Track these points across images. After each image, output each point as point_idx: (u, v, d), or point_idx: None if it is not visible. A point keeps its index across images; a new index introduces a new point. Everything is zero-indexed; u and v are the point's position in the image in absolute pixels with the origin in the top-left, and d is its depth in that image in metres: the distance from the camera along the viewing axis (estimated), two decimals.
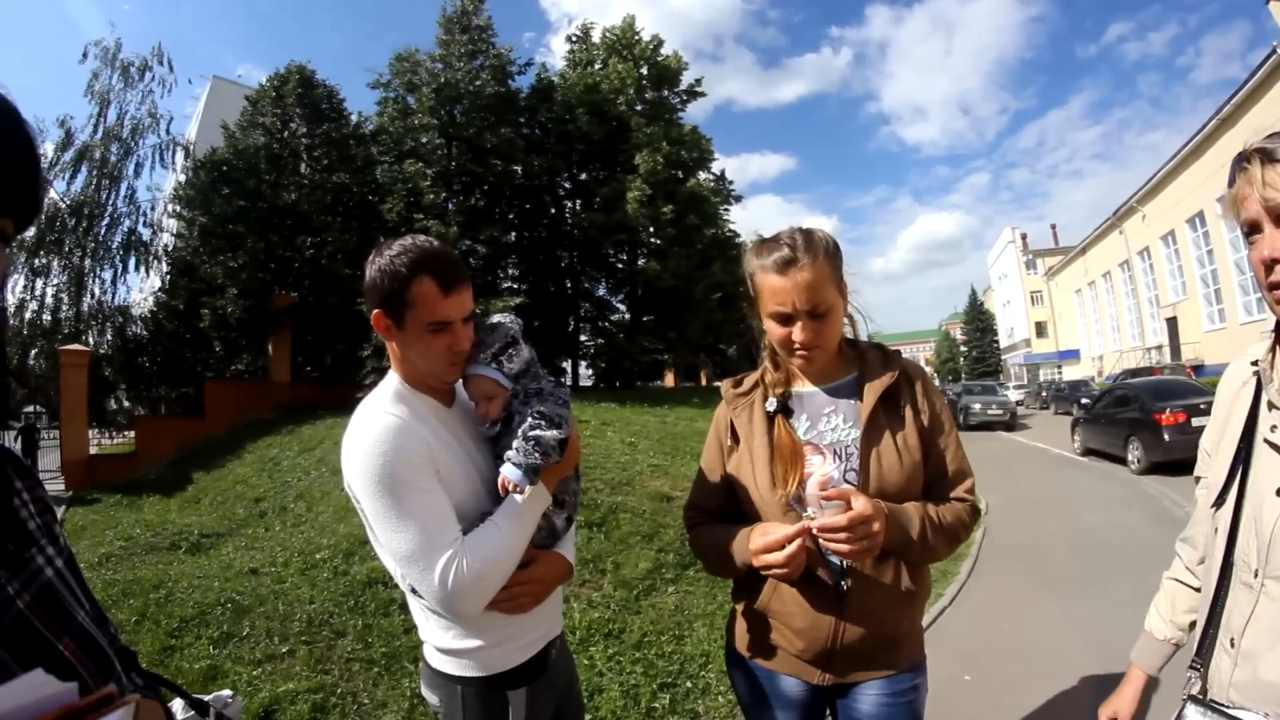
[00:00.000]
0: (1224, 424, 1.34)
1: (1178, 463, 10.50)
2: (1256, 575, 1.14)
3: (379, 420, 1.46)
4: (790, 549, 1.47)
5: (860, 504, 1.44)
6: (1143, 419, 12.08)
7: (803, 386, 1.72)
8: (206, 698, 1.24)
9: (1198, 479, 1.50)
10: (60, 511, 10.76)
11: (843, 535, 1.43)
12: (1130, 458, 12.33)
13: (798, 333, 1.57)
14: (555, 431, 1.52)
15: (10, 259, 0.79)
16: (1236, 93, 25.15)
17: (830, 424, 1.65)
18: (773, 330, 1.62)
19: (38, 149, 0.77)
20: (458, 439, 1.59)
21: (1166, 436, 11.17)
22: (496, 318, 1.66)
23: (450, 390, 1.66)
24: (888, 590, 1.57)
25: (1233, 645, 1.17)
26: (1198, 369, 25.36)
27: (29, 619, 0.75)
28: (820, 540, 1.47)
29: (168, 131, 19.63)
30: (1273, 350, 1.25)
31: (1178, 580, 1.55)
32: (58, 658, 0.76)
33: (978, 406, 23.82)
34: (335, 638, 4.42)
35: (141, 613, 4.72)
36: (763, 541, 1.51)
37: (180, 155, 19.85)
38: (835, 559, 1.57)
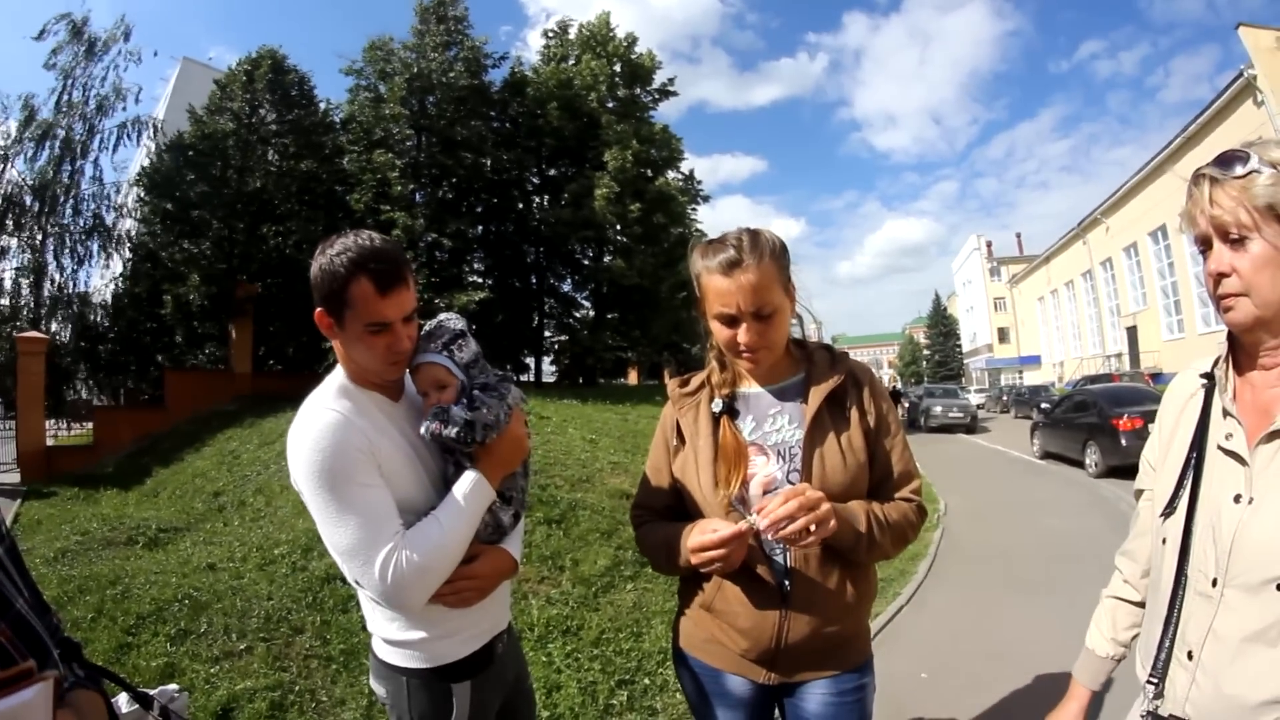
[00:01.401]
0: (1170, 435, 1.35)
1: (1134, 467, 10.53)
2: (1215, 584, 1.13)
3: (320, 416, 1.47)
4: (727, 542, 1.48)
5: (803, 486, 1.47)
6: (1101, 424, 12.38)
7: (749, 387, 1.72)
8: (152, 691, 1.23)
9: (1138, 492, 1.52)
10: (15, 504, 10.52)
11: (794, 513, 1.42)
12: (1088, 461, 12.60)
13: (742, 334, 1.57)
14: (464, 413, 1.54)
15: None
16: (1203, 112, 25.84)
17: (775, 425, 1.65)
18: (718, 331, 1.63)
19: None
20: (403, 433, 1.59)
21: (1124, 441, 11.43)
22: (441, 317, 1.68)
23: (398, 384, 1.67)
24: (832, 590, 1.58)
25: (1190, 658, 1.16)
26: (1155, 377, 25.85)
27: None
28: (766, 535, 1.47)
29: (136, 101, 19.12)
30: (1226, 360, 1.27)
31: (1118, 597, 1.53)
32: None
33: (939, 409, 24.16)
34: (293, 634, 4.37)
35: (98, 609, 4.63)
36: (699, 540, 1.51)
37: (148, 132, 19.28)
38: (779, 559, 1.58)
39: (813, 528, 1.43)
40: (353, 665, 4.08)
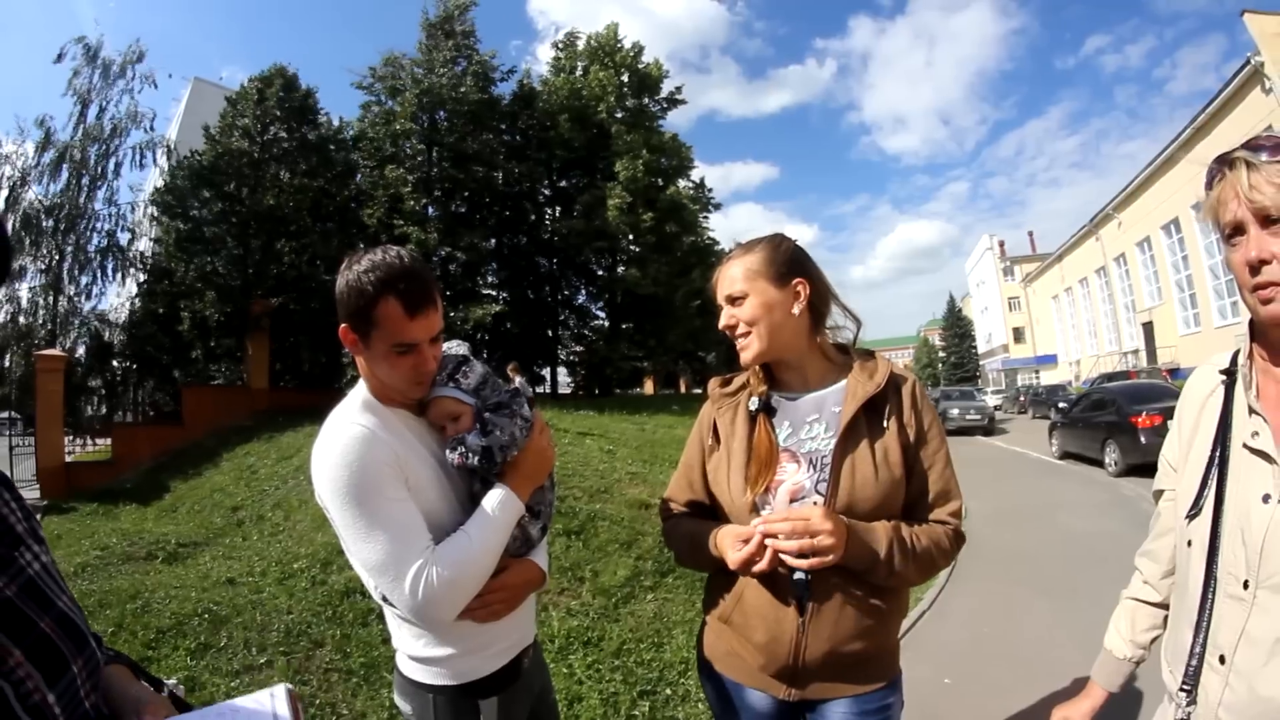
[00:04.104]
0: (1191, 434, 1.31)
1: (1155, 465, 10.56)
2: (1247, 586, 1.10)
3: (346, 430, 1.46)
4: (749, 549, 1.48)
5: (811, 510, 1.46)
6: (1119, 422, 12.24)
7: (789, 392, 1.70)
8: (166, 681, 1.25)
9: (1157, 493, 1.49)
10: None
11: (782, 535, 1.44)
12: (1107, 460, 12.47)
13: (721, 318, 1.65)
14: (479, 439, 1.54)
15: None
16: (1211, 102, 25.66)
17: (810, 432, 1.62)
18: None
19: (4, 223, 0.91)
20: (428, 448, 1.58)
21: (1143, 439, 11.30)
22: (443, 347, 1.67)
23: (421, 400, 1.65)
24: (853, 607, 1.54)
25: (1222, 662, 1.13)
26: (1173, 372, 25.69)
27: (15, 604, 0.90)
28: (771, 544, 1.47)
29: (150, 128, 19.20)
30: (1251, 355, 1.23)
31: (1138, 599, 1.51)
32: (40, 633, 0.91)
33: (956, 412, 23.95)
34: (313, 648, 4.38)
35: (118, 624, 4.65)
36: (738, 557, 1.49)
37: (161, 154, 19.42)
38: (799, 574, 1.52)
39: (808, 557, 1.43)
40: (373, 678, 4.08)
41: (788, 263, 1.63)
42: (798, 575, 1.52)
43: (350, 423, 1.48)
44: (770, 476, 1.59)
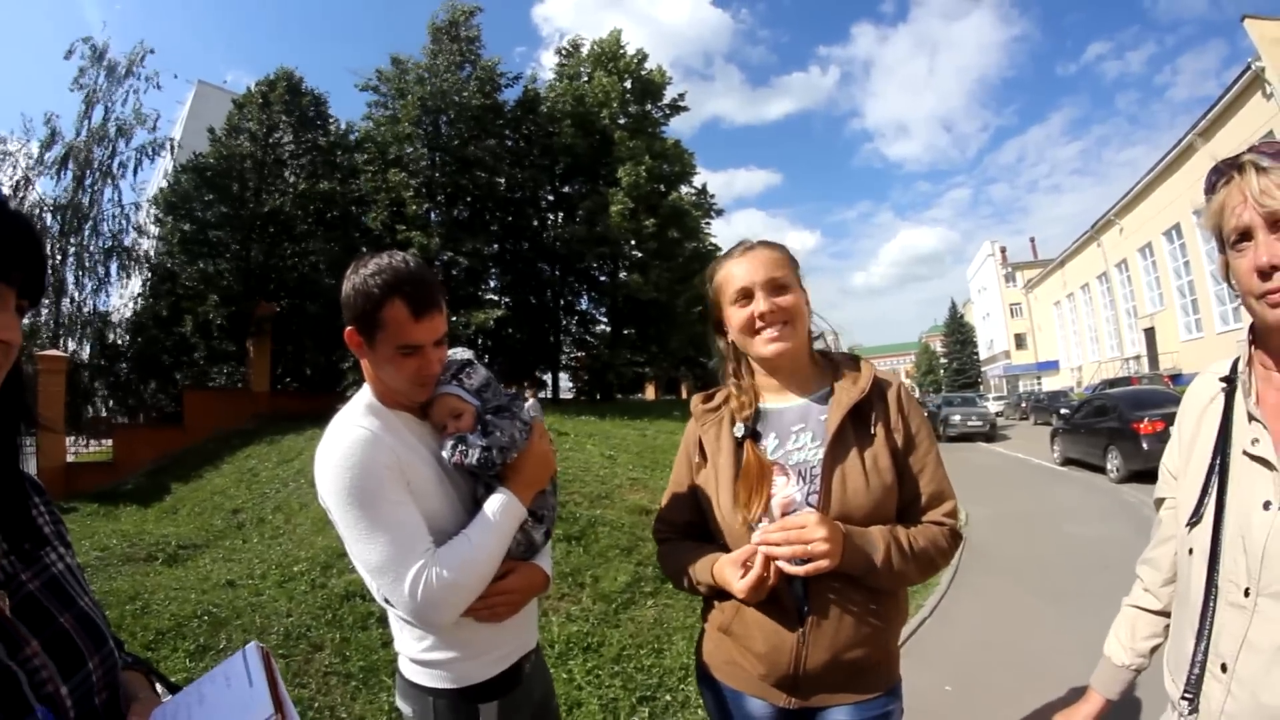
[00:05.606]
0: (1191, 442, 1.31)
1: (1156, 471, 10.57)
2: (1248, 594, 1.10)
3: (349, 433, 1.47)
4: (756, 571, 1.47)
5: (805, 517, 1.45)
6: (1121, 428, 12.23)
7: (771, 403, 1.68)
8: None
9: (1158, 501, 1.49)
10: None
11: (776, 539, 1.44)
12: (1109, 467, 12.46)
13: (758, 304, 1.58)
14: (480, 439, 1.55)
15: (24, 332, 0.95)
16: (1211, 108, 25.68)
17: (798, 443, 1.60)
18: (736, 319, 1.63)
19: (43, 247, 0.95)
20: (432, 452, 1.58)
21: (1145, 445, 11.29)
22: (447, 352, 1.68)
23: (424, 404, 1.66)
24: (853, 614, 1.52)
25: (1224, 670, 1.13)
26: (1175, 378, 25.63)
27: (38, 599, 0.95)
28: (766, 551, 1.46)
29: (155, 128, 19.14)
30: (1251, 362, 1.22)
31: (1138, 606, 1.50)
32: (59, 628, 0.95)
33: (958, 418, 23.94)
34: (313, 651, 4.37)
35: (117, 624, 4.63)
36: (744, 585, 1.48)
37: (166, 155, 19.40)
38: (797, 582, 1.52)
39: (803, 563, 1.43)
40: (372, 682, 4.07)
41: (798, 269, 1.66)
42: (796, 583, 1.52)
43: (353, 425, 1.49)
44: (763, 496, 1.57)
